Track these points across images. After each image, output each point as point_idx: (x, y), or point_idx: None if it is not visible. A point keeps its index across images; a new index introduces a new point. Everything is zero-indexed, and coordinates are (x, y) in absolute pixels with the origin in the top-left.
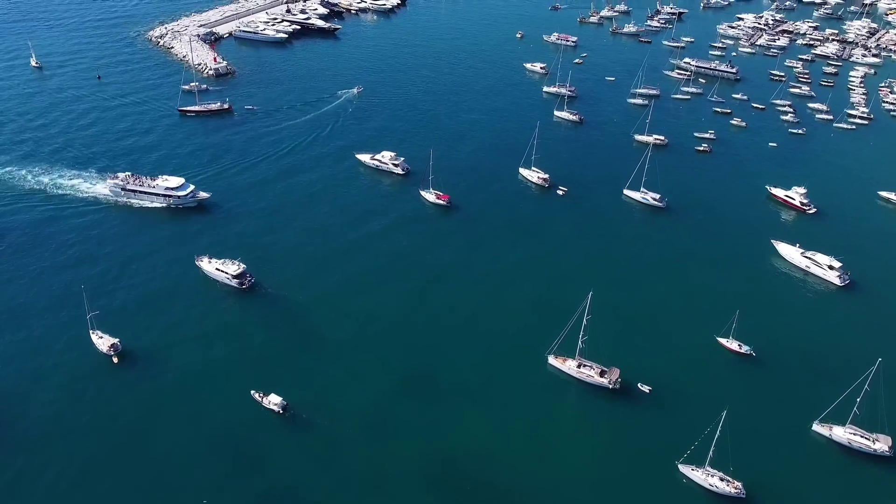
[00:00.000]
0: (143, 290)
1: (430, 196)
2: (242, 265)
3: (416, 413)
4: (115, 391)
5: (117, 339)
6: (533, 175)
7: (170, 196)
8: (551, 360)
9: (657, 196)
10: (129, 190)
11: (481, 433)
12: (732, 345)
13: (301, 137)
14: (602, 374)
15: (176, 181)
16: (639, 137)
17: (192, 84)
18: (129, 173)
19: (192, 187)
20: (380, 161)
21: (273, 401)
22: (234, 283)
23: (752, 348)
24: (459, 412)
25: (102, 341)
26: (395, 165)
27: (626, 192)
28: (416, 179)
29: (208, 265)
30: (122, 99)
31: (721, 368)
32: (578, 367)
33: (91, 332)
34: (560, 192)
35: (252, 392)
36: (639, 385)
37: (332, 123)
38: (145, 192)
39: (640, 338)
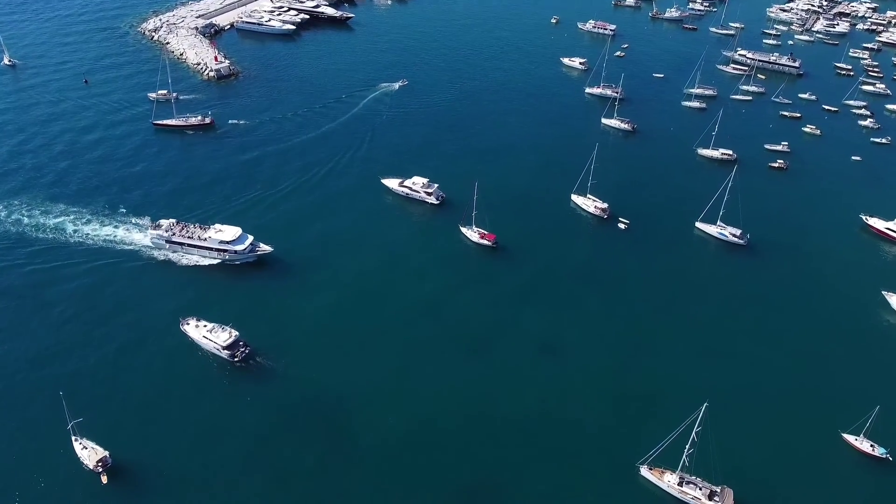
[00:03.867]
0: (147, 380)
1: (472, 235)
2: (234, 332)
3: None
4: None
5: (107, 453)
6: (589, 204)
7: (224, 251)
8: (644, 471)
9: (737, 232)
10: (175, 242)
11: None
12: (864, 445)
13: (320, 156)
14: (711, 496)
15: (232, 232)
16: (703, 152)
17: (160, 92)
18: (174, 221)
19: (250, 239)
20: (410, 188)
21: None
22: (224, 354)
23: (889, 451)
24: None
25: (87, 454)
26: (429, 194)
27: (699, 225)
28: (452, 211)
29: (195, 331)
30: (108, 105)
31: (855, 480)
32: (680, 484)
33: (74, 441)
34: (622, 226)
35: None
36: None
37: (360, 141)
38: (194, 246)
39: (749, 438)
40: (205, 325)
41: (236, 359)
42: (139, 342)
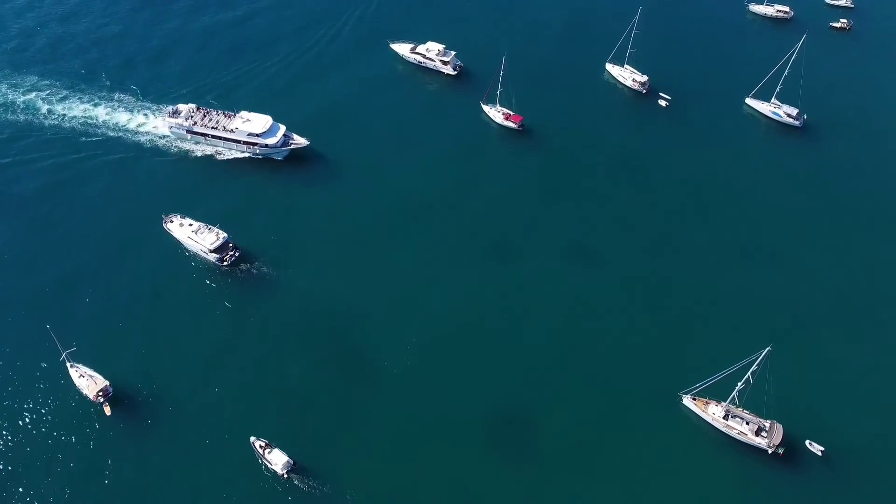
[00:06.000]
0: (141, 295)
1: (496, 115)
2: (223, 234)
3: (494, 482)
4: (115, 456)
5: (107, 382)
6: (626, 76)
7: (254, 144)
8: (687, 401)
9: (793, 112)
10: (197, 133)
11: None
12: None
13: (320, 15)
14: (759, 431)
15: (261, 121)
16: (755, 9)
17: None
18: (195, 106)
19: (282, 130)
20: (423, 56)
21: (276, 461)
22: (212, 257)
23: None
24: (553, 477)
25: (86, 383)
26: (445, 63)
27: (750, 102)
28: (471, 83)
29: (180, 230)
30: None
31: None
32: (726, 417)
33: (71, 368)
34: (662, 103)
35: (252, 439)
36: (807, 443)
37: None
38: (219, 138)
39: (806, 370)
40: (190, 225)
41: (225, 263)
42: (139, 257)
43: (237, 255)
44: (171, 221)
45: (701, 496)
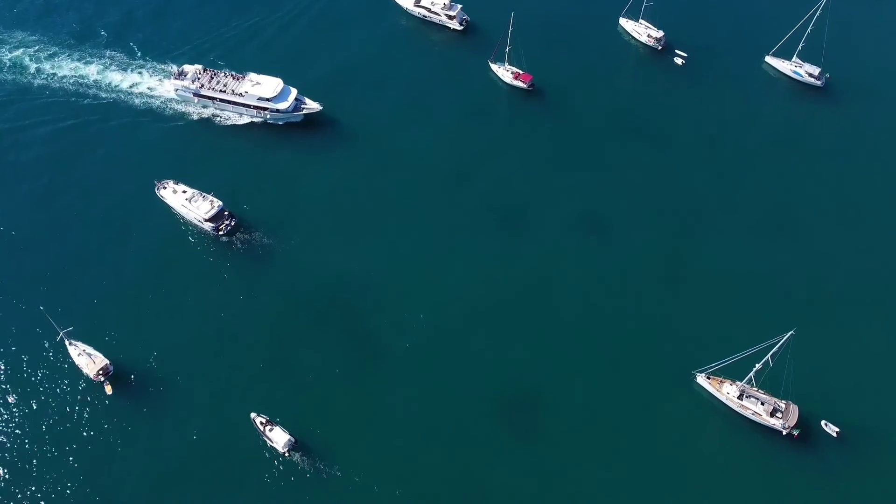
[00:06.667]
0: (138, 268)
1: (505, 74)
2: (218, 202)
3: (505, 461)
4: (117, 435)
5: (107, 361)
6: (641, 32)
7: (264, 109)
8: (701, 380)
9: (815, 71)
10: (205, 97)
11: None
12: None
13: None
14: (774, 412)
15: (271, 85)
16: None
17: None
18: (201, 67)
19: (293, 94)
20: (428, 9)
21: (277, 439)
22: (206, 227)
23: None
24: (564, 455)
25: (86, 362)
26: (450, 17)
27: (770, 60)
28: (478, 39)
29: (174, 198)
30: None
31: None
32: (741, 397)
33: (70, 346)
34: (678, 61)
35: (252, 415)
36: (822, 424)
37: None
38: (228, 102)
39: (822, 347)
40: (184, 192)
41: (220, 232)
42: (137, 229)
43: (233, 224)
44: (165, 188)
45: (713, 476)
